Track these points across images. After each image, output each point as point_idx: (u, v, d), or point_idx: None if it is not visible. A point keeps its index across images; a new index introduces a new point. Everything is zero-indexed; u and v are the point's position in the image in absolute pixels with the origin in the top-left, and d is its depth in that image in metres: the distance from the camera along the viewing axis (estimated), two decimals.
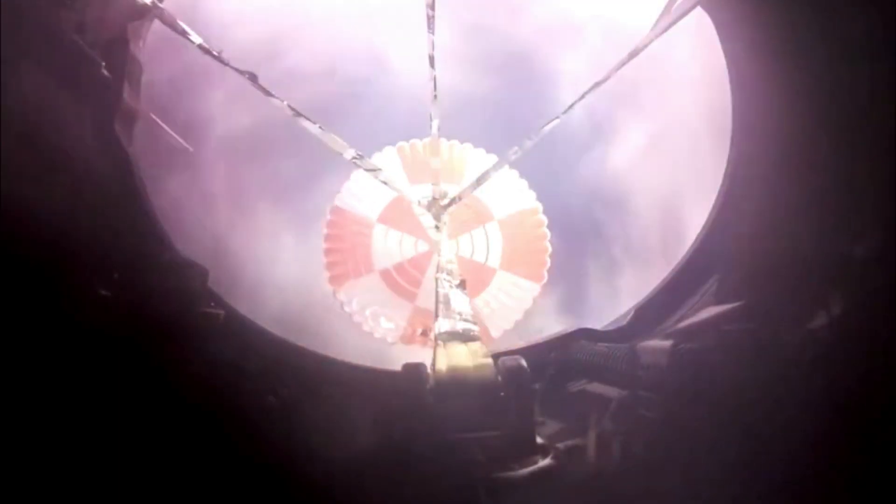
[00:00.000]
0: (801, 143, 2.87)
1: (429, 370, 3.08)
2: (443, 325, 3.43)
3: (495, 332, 6.51)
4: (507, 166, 6.08)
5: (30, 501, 2.15)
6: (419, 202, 6.17)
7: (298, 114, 4.64)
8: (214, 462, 2.52)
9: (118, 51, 3.00)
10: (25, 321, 2.30)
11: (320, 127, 4.81)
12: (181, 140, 5.83)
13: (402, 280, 6.80)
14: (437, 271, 4.69)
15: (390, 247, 6.85)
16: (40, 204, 2.42)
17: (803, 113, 2.85)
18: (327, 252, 6.80)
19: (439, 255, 5.55)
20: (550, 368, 2.95)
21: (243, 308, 3.27)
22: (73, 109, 2.78)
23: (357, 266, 6.88)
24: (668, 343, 2.61)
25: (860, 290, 2.42)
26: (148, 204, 3.07)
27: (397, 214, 6.93)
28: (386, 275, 6.82)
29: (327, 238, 6.82)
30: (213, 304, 3.01)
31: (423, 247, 6.84)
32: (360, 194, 6.94)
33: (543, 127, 4.83)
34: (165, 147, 5.80)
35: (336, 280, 6.77)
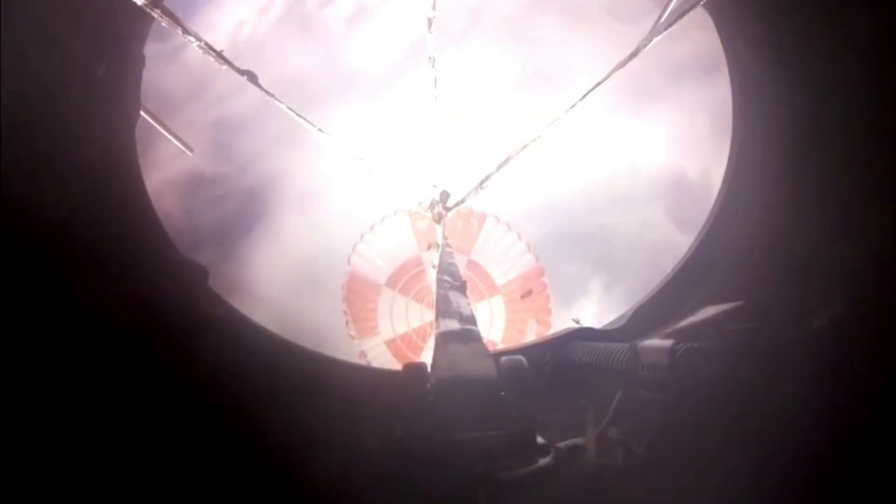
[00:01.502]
0: (802, 143, 2.87)
1: (429, 370, 3.08)
2: (443, 325, 3.42)
3: None
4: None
5: (34, 495, 2.15)
6: (419, 203, 6.21)
7: (299, 115, 4.65)
8: (214, 461, 2.52)
9: (119, 50, 3.00)
10: (26, 320, 2.30)
11: (319, 129, 4.82)
12: (181, 140, 5.83)
13: (407, 349, 6.95)
14: (438, 272, 4.63)
15: (396, 314, 7.02)
16: (41, 204, 2.42)
17: (804, 113, 2.85)
18: (344, 312, 7.08)
19: (439, 252, 5.54)
20: (550, 368, 2.95)
21: (243, 308, 3.28)
22: (73, 109, 2.78)
23: (365, 331, 7.09)
24: (668, 343, 2.61)
25: (860, 290, 2.42)
26: (149, 204, 3.08)
27: (406, 279, 7.09)
28: (391, 344, 7.01)
29: (344, 299, 7.11)
30: (212, 303, 3.02)
31: (429, 316, 6.96)
32: (370, 256, 7.10)
33: (546, 126, 4.84)
34: (166, 148, 5.80)
35: (353, 337, 7.06)
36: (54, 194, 2.53)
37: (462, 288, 4.06)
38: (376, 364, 6.79)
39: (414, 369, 3.01)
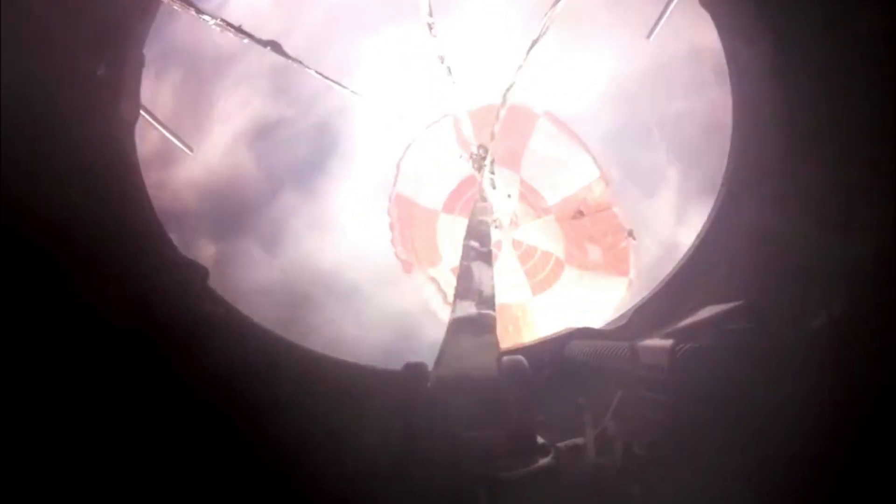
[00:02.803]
0: (802, 142, 2.87)
1: (432, 365, 3.08)
2: (459, 308, 3.26)
3: None
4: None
5: (34, 496, 2.15)
6: (460, 156, 5.69)
7: (327, 79, 4.59)
8: (214, 460, 2.52)
9: (119, 50, 3.00)
10: (25, 320, 2.31)
11: (353, 91, 4.77)
12: (181, 141, 5.83)
13: None
14: (466, 236, 3.98)
15: (458, 237, 6.63)
16: (40, 203, 2.42)
17: (804, 112, 2.85)
18: (394, 241, 6.68)
19: (482, 198, 4.86)
20: (550, 367, 2.95)
21: (243, 307, 3.28)
22: (73, 109, 2.78)
23: (424, 258, 6.71)
24: (668, 342, 2.61)
25: (860, 290, 2.42)
26: (148, 203, 3.08)
27: (462, 202, 6.66)
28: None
29: (392, 227, 6.68)
30: (212, 303, 3.02)
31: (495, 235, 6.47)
32: (420, 179, 6.70)
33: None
34: (166, 147, 5.80)
35: (406, 267, 6.68)
36: (53, 194, 2.53)
37: (489, 256, 3.72)
38: (447, 290, 6.41)
39: (414, 369, 3.01)
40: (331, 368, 3.14)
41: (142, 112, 3.44)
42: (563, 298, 6.53)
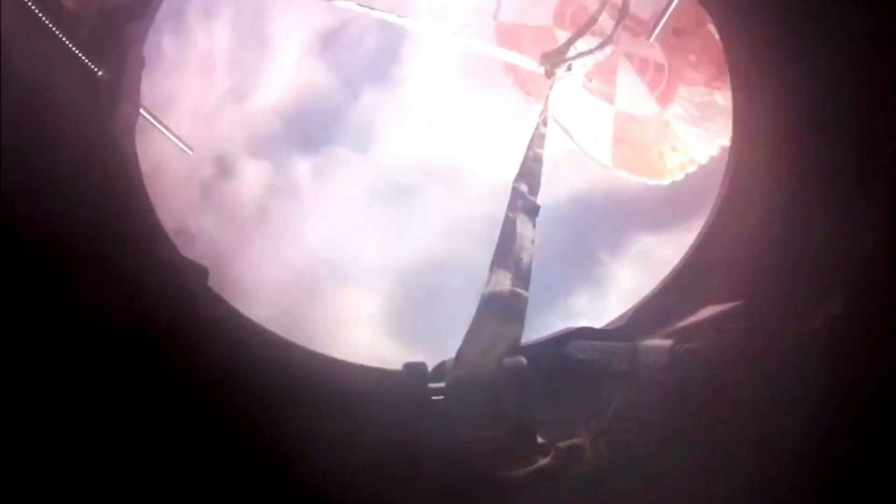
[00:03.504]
0: (802, 144, 2.87)
1: (432, 365, 3.07)
2: (493, 280, 3.00)
3: None
4: None
5: (34, 496, 2.15)
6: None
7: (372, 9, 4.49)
8: (213, 461, 2.52)
9: (119, 50, 3.00)
10: (24, 320, 2.31)
11: (398, 15, 4.69)
12: (181, 141, 5.83)
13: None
14: (517, 177, 3.53)
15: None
16: (39, 203, 2.42)
17: (804, 112, 2.85)
18: (515, 82, 6.14)
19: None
20: (550, 367, 2.95)
21: (243, 307, 3.28)
22: (73, 109, 2.78)
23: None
24: (668, 342, 2.62)
25: (860, 290, 2.42)
26: (148, 203, 3.08)
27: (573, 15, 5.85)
28: None
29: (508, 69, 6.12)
30: (211, 300, 3.01)
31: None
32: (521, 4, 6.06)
33: None
34: (166, 147, 5.80)
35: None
36: (53, 194, 2.53)
37: (535, 211, 3.37)
38: None
39: (414, 369, 3.01)
40: (331, 368, 3.14)
41: (142, 112, 3.44)
42: (688, 111, 6.08)
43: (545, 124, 4.09)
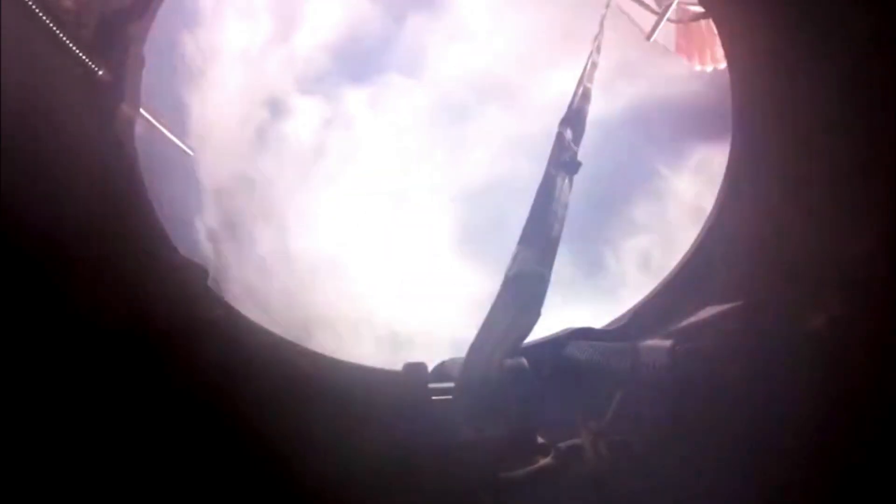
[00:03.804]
0: (801, 144, 2.87)
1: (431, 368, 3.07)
2: (519, 255, 2.89)
3: None
4: None
5: (33, 496, 2.15)
6: None
7: None
8: (213, 461, 2.52)
9: (119, 50, 3.00)
10: (24, 320, 2.30)
11: None
12: (181, 142, 5.83)
13: None
14: (563, 120, 3.27)
15: None
16: (39, 203, 2.42)
17: (803, 112, 2.85)
18: None
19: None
20: (551, 368, 2.95)
21: (243, 307, 3.28)
22: (73, 109, 2.79)
23: None
24: (668, 342, 2.61)
25: (859, 290, 2.42)
26: (148, 204, 3.08)
27: None
28: None
29: None
30: (211, 300, 3.02)
31: None
32: None
33: None
34: (166, 148, 5.80)
35: None
36: (53, 194, 2.53)
37: (575, 166, 3.16)
38: None
39: (414, 369, 3.01)
40: (331, 368, 3.14)
41: (142, 112, 3.44)
42: None
43: (598, 51, 3.73)
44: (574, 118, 3.36)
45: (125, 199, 2.92)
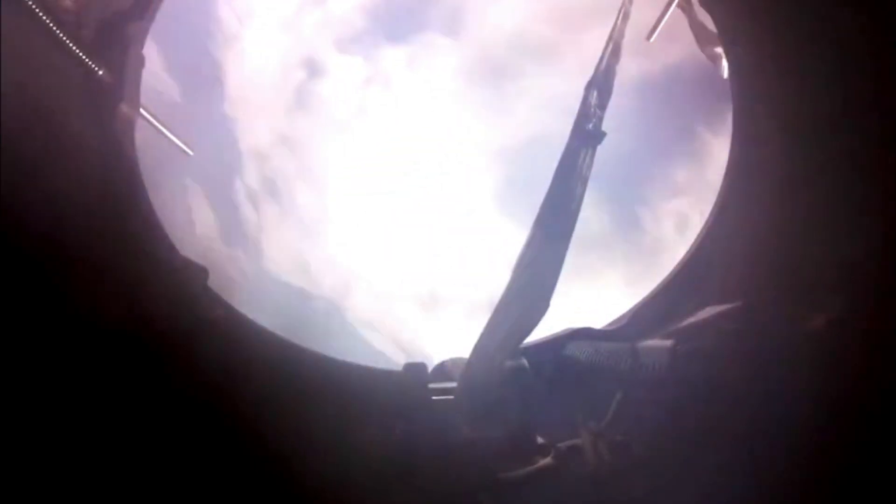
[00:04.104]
0: (802, 144, 2.87)
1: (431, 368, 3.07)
2: (534, 233, 2.72)
3: None
4: None
5: (33, 495, 2.15)
6: None
7: None
8: (213, 462, 2.52)
9: (119, 50, 3.00)
10: (23, 321, 2.30)
11: None
12: (181, 142, 5.81)
13: None
14: (590, 83, 3.06)
15: None
16: (39, 204, 2.42)
17: (803, 113, 2.85)
18: None
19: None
20: (550, 368, 2.95)
21: (243, 307, 3.28)
22: (73, 109, 2.78)
23: None
24: (668, 343, 2.62)
25: (859, 291, 2.42)
26: (148, 204, 3.07)
27: None
28: None
29: None
30: (211, 300, 3.01)
31: None
32: None
33: None
34: (166, 148, 5.78)
35: None
36: (53, 194, 2.52)
37: (598, 137, 2.96)
38: None
39: (414, 369, 3.01)
40: (331, 368, 3.14)
41: (142, 111, 3.44)
42: None
43: (631, 2, 3.47)
44: (601, 79, 3.10)
45: (125, 200, 2.92)
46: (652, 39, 4.89)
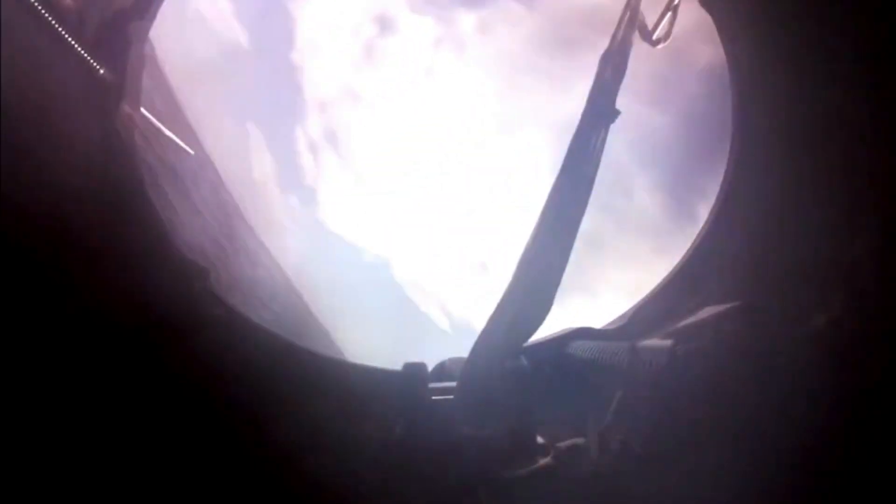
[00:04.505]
0: (802, 144, 2.87)
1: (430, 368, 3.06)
2: (542, 221, 2.57)
3: None
4: None
5: (33, 491, 2.15)
6: None
7: None
8: (214, 461, 2.52)
9: (120, 51, 3.00)
10: (26, 320, 2.30)
11: None
12: (181, 143, 5.82)
13: None
14: (605, 56, 2.83)
15: None
16: (40, 204, 2.42)
17: (804, 113, 2.85)
18: None
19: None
20: (550, 367, 2.95)
21: (243, 307, 3.28)
22: (73, 109, 2.79)
23: None
24: (668, 342, 2.61)
25: (860, 290, 2.42)
26: (149, 203, 3.08)
27: None
28: None
29: None
30: (212, 303, 3.01)
31: None
32: None
33: None
34: (166, 148, 5.79)
35: None
36: (54, 194, 2.53)
37: (612, 116, 2.77)
38: None
39: (414, 369, 3.01)
40: (331, 368, 3.14)
41: (143, 111, 3.44)
42: None
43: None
44: (617, 52, 2.84)
45: (126, 199, 2.92)
46: (655, 37, 4.87)
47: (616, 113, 2.81)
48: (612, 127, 2.74)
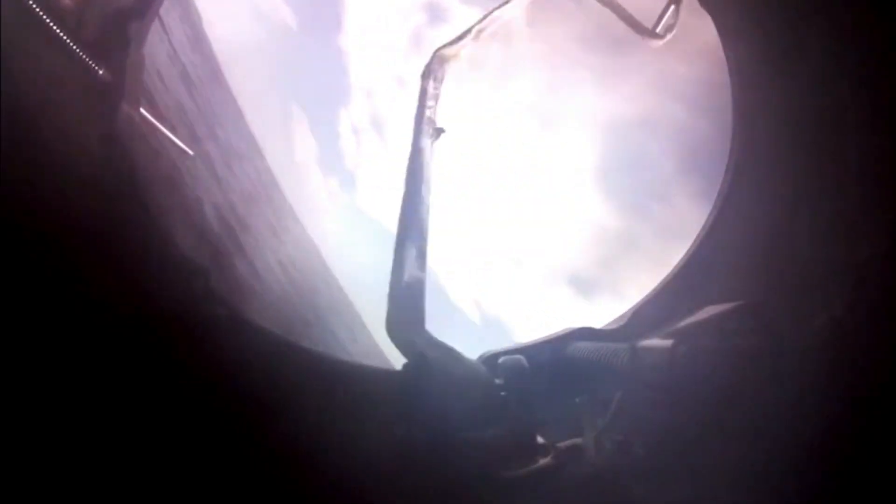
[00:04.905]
0: (802, 143, 2.87)
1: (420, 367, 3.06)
2: (405, 258, 2.54)
3: None
4: None
5: (33, 491, 2.15)
6: None
7: None
8: (215, 461, 2.52)
9: (119, 51, 3.00)
10: (26, 320, 2.31)
11: None
12: (181, 143, 5.83)
13: None
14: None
15: None
16: (40, 204, 2.42)
17: (805, 114, 2.85)
18: None
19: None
20: (550, 367, 2.95)
21: (244, 307, 3.28)
22: (73, 109, 2.79)
23: None
24: (668, 342, 2.61)
25: (860, 290, 2.42)
26: (150, 204, 3.08)
27: None
28: None
29: None
30: (213, 303, 3.02)
31: None
32: None
33: None
34: (166, 148, 5.81)
35: None
36: (54, 194, 2.53)
37: (436, 131, 2.69)
38: None
39: (414, 369, 3.00)
40: (331, 368, 3.14)
41: (142, 111, 3.45)
42: None
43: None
44: (437, 65, 2.78)
45: (125, 199, 2.92)
46: (658, 30, 4.87)
47: (440, 131, 2.83)
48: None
